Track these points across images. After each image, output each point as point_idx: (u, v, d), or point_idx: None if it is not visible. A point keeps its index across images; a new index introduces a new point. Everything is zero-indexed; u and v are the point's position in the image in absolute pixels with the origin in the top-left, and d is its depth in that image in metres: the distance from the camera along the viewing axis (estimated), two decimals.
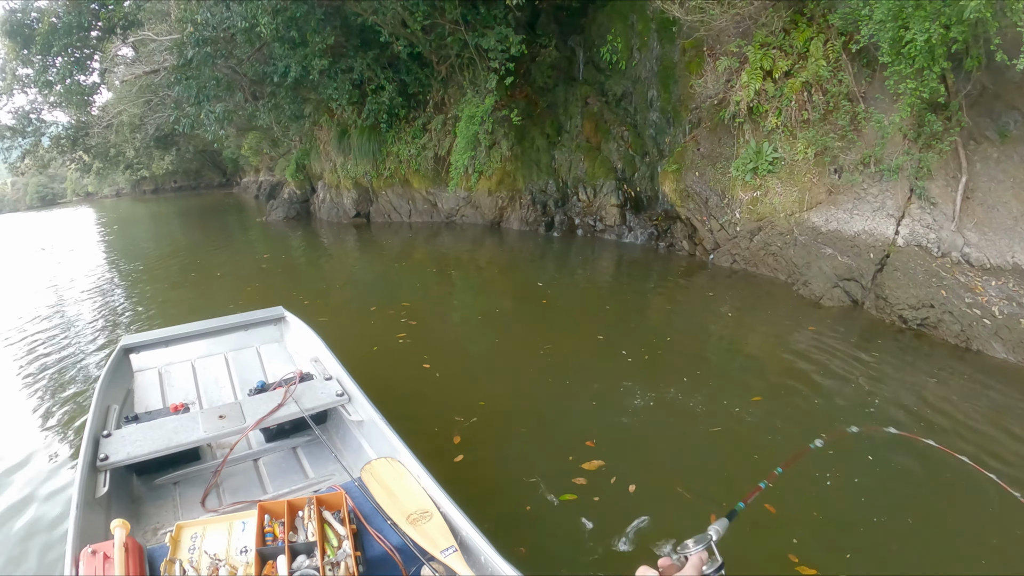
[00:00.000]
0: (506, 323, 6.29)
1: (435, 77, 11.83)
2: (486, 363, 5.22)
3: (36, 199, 45.49)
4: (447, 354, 5.33)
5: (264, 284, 8.48)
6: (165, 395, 3.89)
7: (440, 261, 9.51)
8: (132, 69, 12.67)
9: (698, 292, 6.81)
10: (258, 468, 3.23)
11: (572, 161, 10.54)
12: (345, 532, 2.29)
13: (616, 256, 8.76)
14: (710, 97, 7.76)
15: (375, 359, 5.32)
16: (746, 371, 4.65)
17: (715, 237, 7.34)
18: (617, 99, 9.97)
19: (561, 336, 5.65)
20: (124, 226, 22.09)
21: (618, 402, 4.17)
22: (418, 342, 5.61)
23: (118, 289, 9.08)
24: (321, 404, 3.25)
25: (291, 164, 16.00)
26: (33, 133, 15.12)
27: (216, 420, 3.06)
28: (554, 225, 10.62)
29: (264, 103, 13.52)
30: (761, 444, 3.59)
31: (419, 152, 11.99)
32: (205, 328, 4.47)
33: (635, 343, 5.23)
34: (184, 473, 3.11)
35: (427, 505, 2.40)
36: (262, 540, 2.29)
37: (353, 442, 3.29)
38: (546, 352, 5.16)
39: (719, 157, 7.32)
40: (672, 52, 8.73)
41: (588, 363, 4.91)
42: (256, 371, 4.16)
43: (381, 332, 5.97)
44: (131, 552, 2.14)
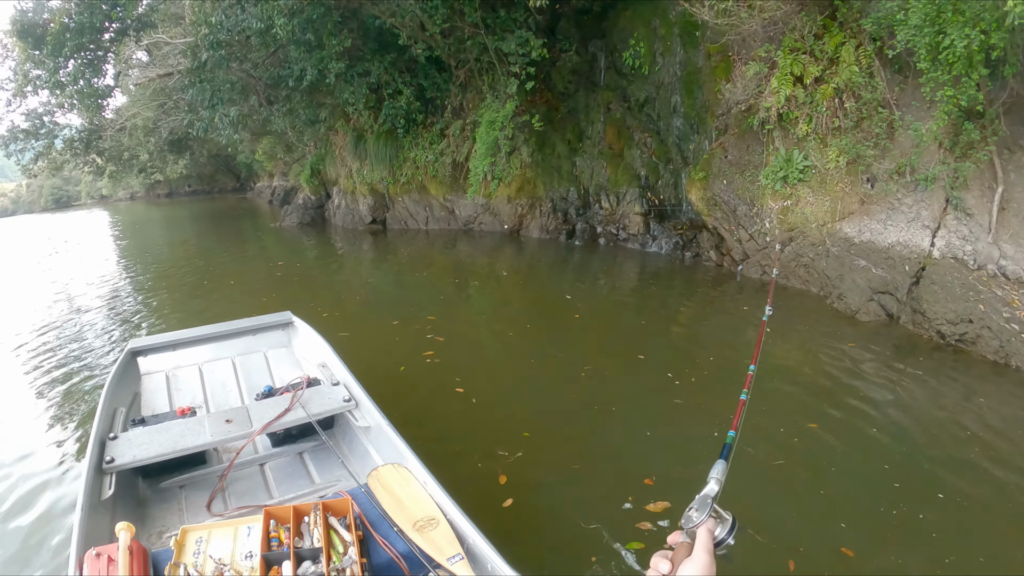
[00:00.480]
0: (539, 340, 6.12)
1: (453, 82, 12.02)
2: (524, 387, 4.99)
3: (51, 201, 48.00)
4: (481, 376, 5.14)
5: (280, 293, 8.50)
6: (172, 398, 4.01)
7: (461, 270, 9.56)
8: (146, 72, 12.99)
9: (731, 305, 6.81)
10: (264, 473, 3.32)
11: (594, 168, 10.65)
12: (351, 538, 2.35)
13: (641, 266, 8.81)
14: (737, 103, 7.83)
15: (403, 381, 5.15)
16: (795, 396, 4.52)
17: (744, 247, 7.38)
18: (640, 105, 10.05)
19: (600, 355, 5.50)
20: (138, 230, 22.77)
21: (673, 432, 4.01)
22: (447, 361, 5.44)
23: (130, 297, 9.27)
24: (328, 410, 3.34)
25: (305, 169, 16.33)
26: (47, 135, 15.56)
27: (223, 424, 3.15)
28: (575, 233, 10.71)
29: (279, 107, 13.80)
30: (828, 477, 3.47)
31: (437, 158, 12.16)
32: (213, 332, 4.59)
33: (677, 362, 5.13)
34: (190, 477, 3.20)
35: (434, 512, 2.46)
36: (267, 545, 2.35)
37: (360, 448, 3.38)
38: (587, 375, 5.00)
39: (747, 165, 7.37)
40: (696, 57, 8.82)
41: (633, 387, 4.77)
42: (264, 376, 4.28)
43: (407, 349, 5.83)
44: (135, 555, 2.20)
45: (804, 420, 4.08)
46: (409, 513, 2.46)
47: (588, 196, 10.96)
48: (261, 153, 23.31)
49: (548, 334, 6.33)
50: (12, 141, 15.52)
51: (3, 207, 50.80)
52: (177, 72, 12.86)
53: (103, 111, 15.21)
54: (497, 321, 7.16)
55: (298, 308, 4.96)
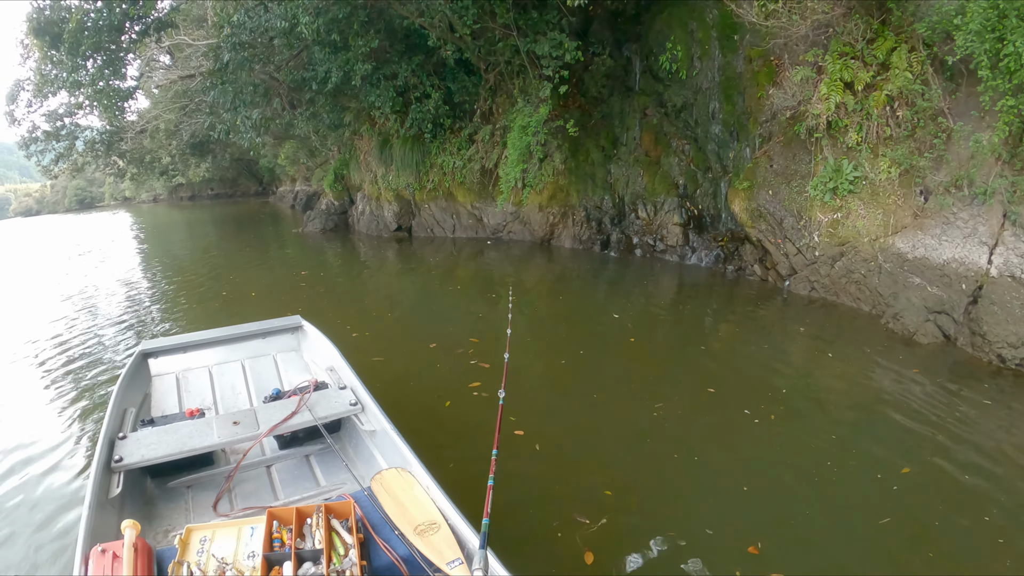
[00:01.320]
0: (597, 369, 5.80)
1: (483, 85, 12.29)
2: (593, 429, 4.62)
3: (75, 202, 52.05)
4: (540, 415, 4.81)
5: (305, 308, 8.09)
6: (182, 400, 4.29)
7: (496, 283, 9.55)
8: (168, 74, 13.52)
9: (784, 326, 6.75)
10: (271, 475, 3.54)
11: (630, 176, 10.82)
12: (352, 541, 2.49)
13: (683, 280, 8.88)
14: (781, 110, 7.95)
15: (451, 419, 4.82)
16: (876, 436, 4.34)
17: (791, 262, 7.47)
18: (677, 110, 10.21)
19: (667, 388, 5.27)
20: (159, 233, 23.77)
21: (767, 486, 3.76)
22: (494, 396, 4.95)
23: (147, 306, 9.54)
24: (335, 413, 3.57)
25: (329, 174, 16.85)
26: (68, 137, 16.28)
27: (230, 426, 3.37)
28: (610, 244, 10.87)
29: (302, 111, 14.25)
30: (931, 532, 3.35)
31: (465, 164, 12.45)
32: (223, 335, 4.98)
33: (749, 395, 4.95)
34: (197, 477, 3.43)
35: (435, 517, 2.61)
36: (270, 546, 2.51)
37: (365, 452, 3.58)
38: (660, 414, 4.73)
39: (794, 175, 7.46)
40: (735, 62, 8.96)
41: (712, 428, 4.56)
42: (272, 379, 4.57)
43: (450, 379, 5.55)
44: (140, 552, 2.36)
45: (896, 463, 3.92)
46: (411, 517, 2.62)
47: (623, 205, 11.13)
48: (284, 157, 24.34)
49: (605, 361, 6.05)
50: (32, 142, 16.27)
51: (28, 207, 56.66)
52: (199, 74, 13.41)
53: (124, 113, 15.82)
54: (546, 345, 6.82)
55: (326, 326, 5.10)
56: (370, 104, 13.02)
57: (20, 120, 15.07)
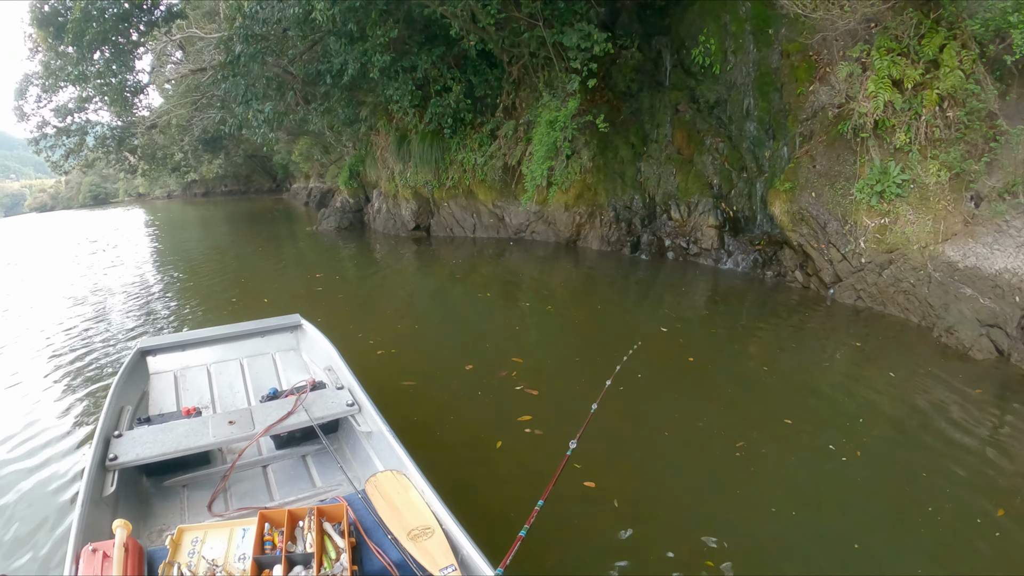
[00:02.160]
0: (661, 399, 5.38)
1: (506, 79, 12.47)
2: (673, 478, 4.19)
3: (89, 198, 55.31)
4: (607, 459, 4.33)
5: (324, 319, 7.49)
6: (180, 398, 4.49)
7: (527, 290, 9.59)
8: (179, 68, 13.84)
9: (843, 342, 6.58)
10: (267, 475, 3.72)
11: (661, 174, 10.96)
12: (344, 545, 2.59)
13: (721, 287, 8.94)
14: (824, 107, 8.04)
15: (504, 464, 4.35)
16: (962, 472, 4.14)
17: (835, 269, 7.55)
18: (710, 107, 10.33)
19: (741, 421, 4.88)
20: (172, 230, 24.47)
21: (884, 541, 3.54)
22: (555, 432, 4.58)
23: (152, 311, 9.66)
24: (331, 414, 3.75)
25: (344, 171, 17.22)
26: (78, 132, 16.73)
27: (226, 426, 3.54)
28: (640, 246, 11.00)
29: (316, 106, 14.52)
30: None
31: (486, 161, 12.63)
32: (222, 333, 5.21)
33: (826, 427, 4.73)
34: (193, 476, 3.61)
35: (430, 521, 2.72)
36: (261, 548, 2.61)
37: (362, 453, 3.75)
38: (743, 455, 4.37)
39: (838, 176, 7.54)
40: (770, 56, 9.06)
41: (801, 470, 4.23)
42: (271, 378, 4.79)
43: (496, 411, 5.13)
44: (131, 552, 2.46)
45: (988, 505, 3.74)
46: (404, 521, 2.72)
47: (654, 205, 11.27)
48: (298, 154, 25.14)
49: (667, 389, 5.67)
50: (42, 138, 16.76)
51: (43, 202, 60.79)
52: (210, 67, 13.70)
53: (134, 108, 16.20)
54: (598, 368, 6.08)
55: (347, 341, 5.14)
56: (387, 98, 13.23)
57: (29, 115, 15.54)
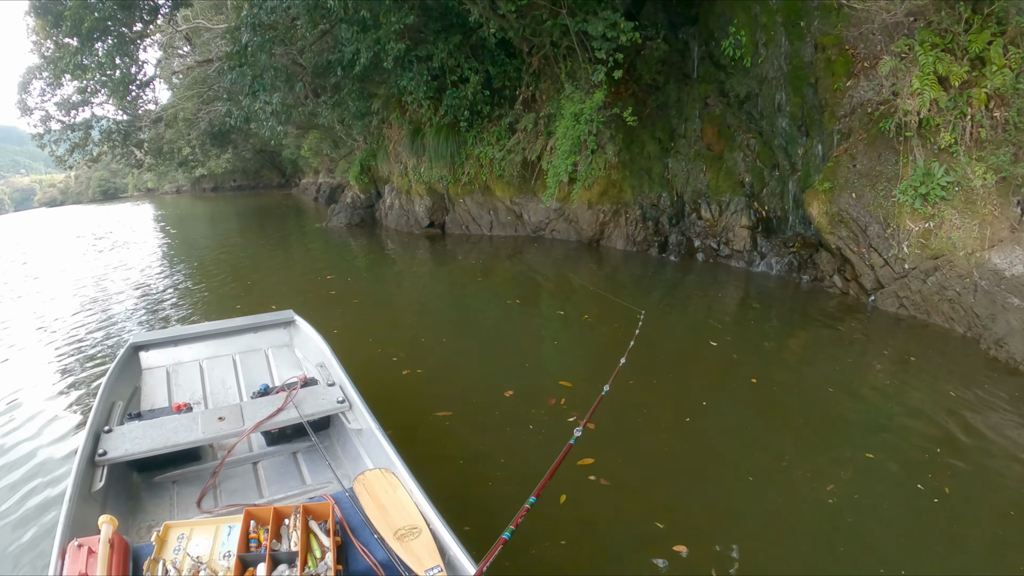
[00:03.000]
0: (734, 432, 5.04)
1: (525, 69, 12.61)
2: (773, 539, 3.80)
3: (98, 192, 59.12)
4: (692, 514, 3.99)
5: (341, 330, 7.72)
6: (172, 394, 4.70)
7: (556, 295, 9.44)
8: (185, 60, 14.12)
9: (895, 356, 6.44)
10: (257, 472, 3.90)
11: (690, 171, 11.11)
12: (329, 544, 2.71)
13: (757, 292, 9.02)
14: (863, 104, 8.15)
15: (571, 525, 3.85)
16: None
17: (877, 274, 7.66)
18: (740, 101, 10.43)
19: (822, 458, 4.59)
20: (181, 225, 25.16)
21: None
22: (622, 479, 4.16)
23: (158, 314, 9.81)
24: (321, 411, 3.94)
25: (354, 166, 17.55)
26: (83, 126, 17.13)
27: (215, 422, 3.71)
28: (668, 246, 11.13)
29: (326, 99, 14.75)
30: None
31: (504, 155, 12.80)
32: (215, 329, 5.48)
33: (910, 462, 4.51)
34: (183, 472, 3.79)
35: (417, 521, 2.83)
36: (246, 546, 2.72)
37: (352, 451, 3.94)
38: (836, 501, 4.03)
39: (879, 176, 7.64)
40: (802, 50, 9.15)
41: (903, 520, 3.94)
42: (263, 374, 5.02)
43: (551, 452, 3.95)
44: (116, 548, 2.56)
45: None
46: (391, 520, 2.84)
47: (682, 204, 11.41)
48: (307, 149, 25.92)
49: (737, 418, 5.31)
50: (46, 132, 17.21)
51: (52, 197, 65.57)
52: (217, 59, 13.95)
53: (139, 101, 16.54)
54: (656, 394, 5.74)
55: (367, 356, 5.32)
56: (401, 89, 13.40)
57: (33, 109, 15.91)
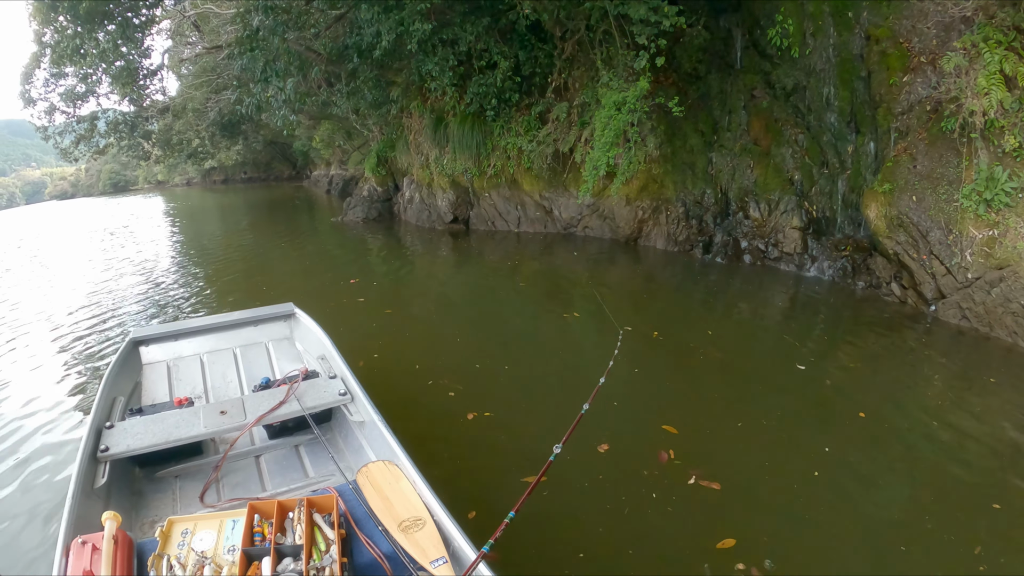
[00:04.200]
0: (869, 486, 4.62)
1: (558, 55, 12.88)
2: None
3: (109, 185, 63.84)
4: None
5: (382, 350, 7.41)
6: (173, 388, 5.06)
7: (614, 307, 9.01)
8: (194, 48, 14.58)
9: (967, 374, 6.61)
10: (259, 465, 4.21)
11: (736, 167, 11.42)
12: (333, 536, 2.91)
13: (811, 298, 9.15)
14: (921, 101, 8.44)
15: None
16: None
17: (938, 283, 7.96)
18: (787, 93, 10.70)
19: (986, 529, 4.18)
20: (190, 221, 26.07)
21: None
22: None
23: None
24: (323, 403, 4.24)
25: (371, 157, 18.07)
26: (88, 118, 17.70)
27: (217, 416, 4.00)
28: (713, 247, 11.42)
29: (341, 87, 15.13)
30: None
31: (536, 147, 13.11)
32: (215, 323, 5.90)
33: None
34: (185, 467, 4.07)
35: (421, 513, 3.06)
36: (250, 540, 2.91)
37: (355, 443, 4.23)
38: (987, 569, 3.79)
39: (940, 179, 7.92)
40: (851, 42, 9.41)
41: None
42: (265, 367, 5.41)
43: (676, 528, 4.13)
44: (120, 545, 2.74)
45: None
46: (395, 512, 3.07)
47: (727, 201, 11.73)
48: (318, 140, 26.99)
49: (840, 451, 5.02)
50: (50, 124, 17.85)
51: (63, 190, 71.28)
52: (226, 46, 14.35)
53: (145, 90, 17.01)
54: (774, 436, 5.26)
55: (418, 388, 5.55)
56: (424, 75, 13.73)
57: (36, 100, 16.49)
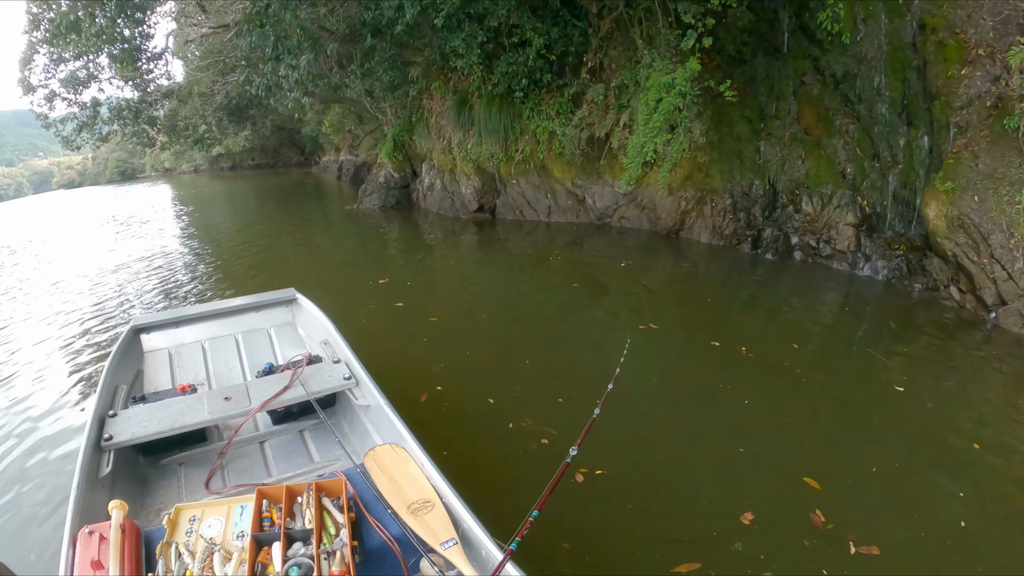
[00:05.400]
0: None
1: (593, 33, 13.20)
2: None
3: (116, 174, 68.21)
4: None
5: (445, 374, 7.08)
6: (175, 376, 5.43)
7: (691, 313, 9.16)
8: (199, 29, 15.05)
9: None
10: (264, 451, 4.53)
11: (786, 157, 11.78)
12: (343, 520, 3.11)
13: (870, 300, 9.38)
14: (980, 95, 8.84)
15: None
16: None
17: (999, 289, 8.40)
18: (836, 81, 11.00)
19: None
20: (199, 210, 27.09)
21: None
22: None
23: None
24: (328, 387, 4.55)
25: (387, 142, 18.56)
26: (91, 104, 18.28)
27: (221, 402, 4.27)
28: (761, 242, 11.77)
29: (355, 67, 15.50)
30: None
31: (574, 131, 13.41)
32: (216, 309, 6.34)
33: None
34: (190, 454, 4.38)
35: (430, 495, 3.30)
36: (259, 526, 3.12)
37: (360, 427, 4.56)
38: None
39: (1002, 179, 8.30)
40: (903, 30, 9.76)
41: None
42: (267, 353, 5.80)
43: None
44: (127, 534, 2.92)
45: None
46: (404, 495, 3.30)
47: (774, 193, 12.10)
48: (328, 125, 28.29)
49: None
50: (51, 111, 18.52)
51: (71, 179, 76.38)
52: (234, 23, 14.77)
53: (149, 75, 17.54)
54: (929, 498, 4.89)
55: (498, 427, 5.54)
56: (447, 53, 14.05)
57: (35, 87, 17.06)
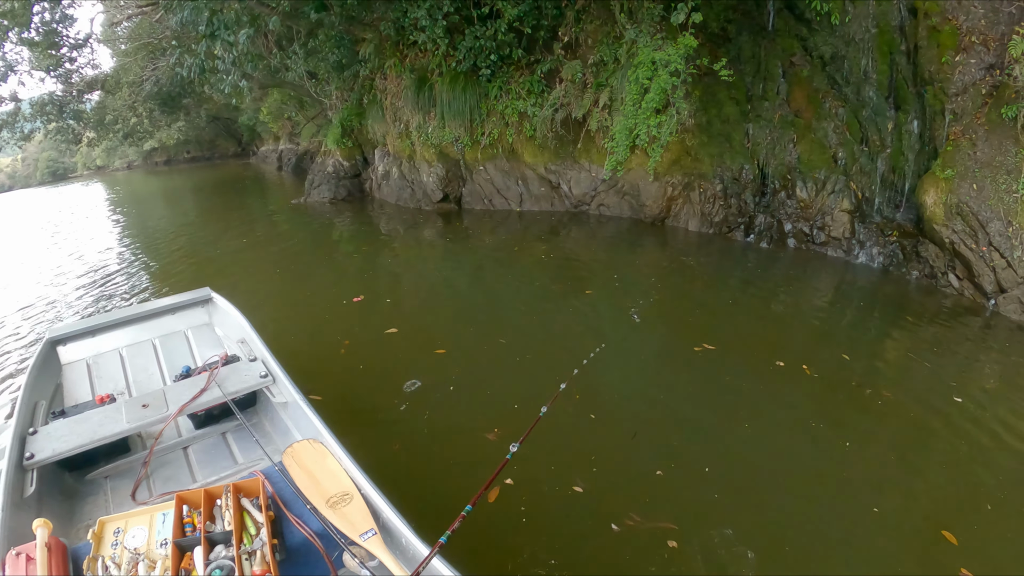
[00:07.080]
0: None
1: (569, 6, 13.77)
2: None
3: (47, 174, 68.50)
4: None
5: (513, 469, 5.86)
6: (94, 387, 5.72)
7: (708, 319, 9.40)
8: (125, 10, 15.43)
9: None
10: (188, 456, 4.87)
11: (776, 140, 12.65)
12: (262, 519, 3.37)
13: (873, 290, 10.01)
14: (974, 83, 9.91)
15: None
16: None
17: (998, 277, 9.46)
18: (823, 62, 11.95)
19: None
20: (133, 211, 27.22)
21: None
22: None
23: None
24: (244, 387, 4.94)
25: (334, 128, 19.04)
26: (11, 98, 18.48)
27: (139, 409, 4.59)
28: (754, 229, 12.60)
29: (296, 48, 15.83)
30: None
31: (548, 112, 14.02)
32: (132, 314, 6.82)
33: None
34: (115, 466, 4.69)
35: (348, 487, 3.62)
36: (181, 531, 3.37)
37: (281, 425, 4.97)
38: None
39: (999, 168, 9.38)
40: (890, 12, 10.78)
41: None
42: (185, 356, 6.22)
43: None
44: (54, 552, 3.12)
45: None
46: (323, 489, 3.62)
47: (764, 178, 12.92)
48: (266, 112, 28.88)
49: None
50: None
51: (0, 183, 72.93)
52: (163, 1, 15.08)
53: (71, 63, 17.76)
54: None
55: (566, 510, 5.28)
56: (410, 24, 14.35)
57: None
